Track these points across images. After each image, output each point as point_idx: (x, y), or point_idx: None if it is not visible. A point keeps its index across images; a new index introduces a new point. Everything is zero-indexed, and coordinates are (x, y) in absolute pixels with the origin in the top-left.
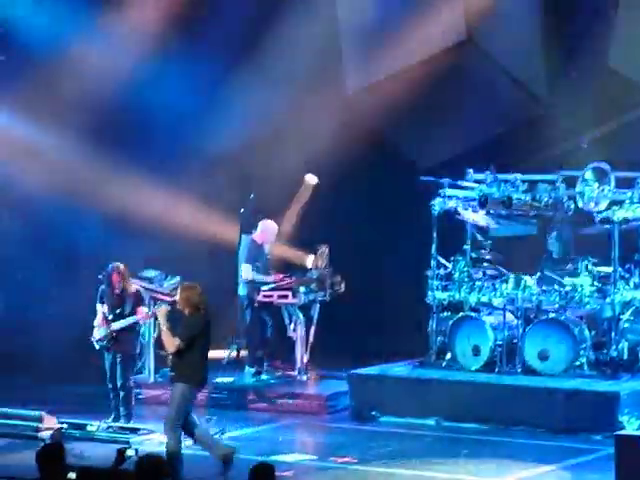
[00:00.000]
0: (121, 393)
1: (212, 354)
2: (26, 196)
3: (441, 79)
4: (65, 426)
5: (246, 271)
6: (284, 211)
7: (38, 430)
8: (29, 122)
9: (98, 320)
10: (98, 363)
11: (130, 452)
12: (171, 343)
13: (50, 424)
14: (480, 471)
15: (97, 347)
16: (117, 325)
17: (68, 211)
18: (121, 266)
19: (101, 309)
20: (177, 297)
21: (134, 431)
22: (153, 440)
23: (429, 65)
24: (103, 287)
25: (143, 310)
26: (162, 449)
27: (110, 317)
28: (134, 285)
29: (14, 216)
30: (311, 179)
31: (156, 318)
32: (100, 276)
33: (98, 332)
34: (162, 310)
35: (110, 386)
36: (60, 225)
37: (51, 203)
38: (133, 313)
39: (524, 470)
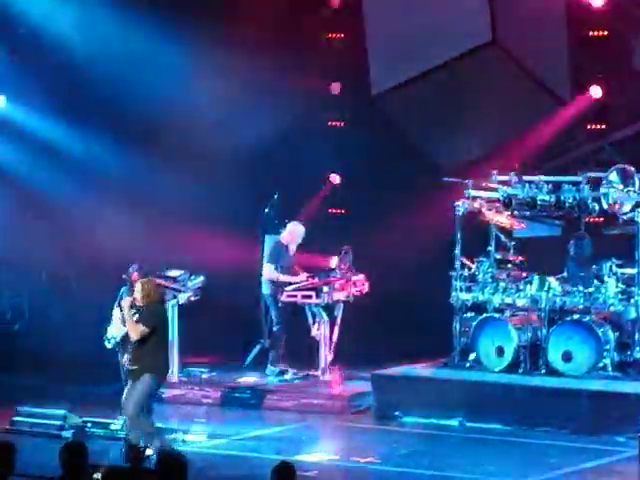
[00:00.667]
0: None
1: (236, 354)
2: (50, 195)
3: (465, 81)
4: (88, 424)
5: (268, 270)
6: (307, 211)
7: (62, 428)
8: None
9: (113, 323)
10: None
11: (149, 451)
12: (136, 330)
13: (73, 422)
14: (504, 473)
15: (110, 346)
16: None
17: (93, 211)
18: (143, 265)
19: (117, 314)
20: (137, 292)
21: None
22: (176, 439)
23: (454, 67)
24: (124, 288)
25: None
26: (185, 448)
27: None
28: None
29: (38, 215)
30: (334, 179)
31: (120, 309)
32: (124, 276)
33: (111, 330)
34: (126, 300)
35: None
36: (85, 224)
37: (75, 201)
38: None
39: (548, 471)
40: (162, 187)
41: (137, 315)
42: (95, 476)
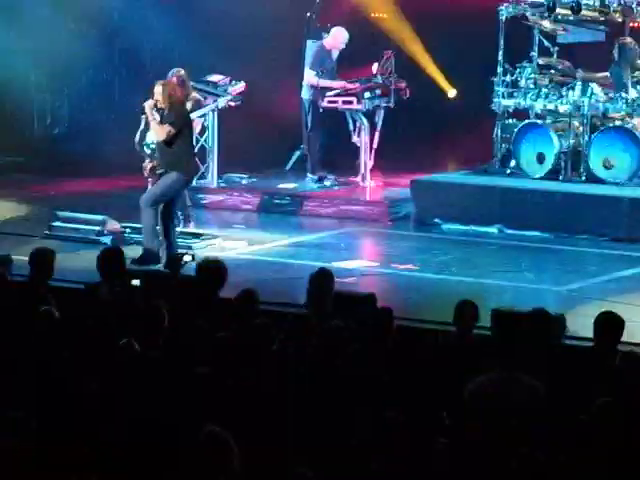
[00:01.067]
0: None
1: (277, 160)
2: None
3: None
4: (127, 230)
5: (309, 76)
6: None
7: (100, 234)
8: None
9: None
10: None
11: (187, 257)
12: (163, 131)
13: (113, 228)
14: (542, 280)
15: (149, 151)
16: None
17: (134, 11)
18: (182, 71)
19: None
20: (157, 94)
21: (197, 236)
22: (215, 245)
23: None
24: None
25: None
26: (224, 253)
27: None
28: (194, 94)
29: (81, 17)
30: None
31: (143, 112)
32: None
33: (150, 136)
34: (149, 103)
35: None
36: (126, 26)
37: (118, 6)
38: None
39: (586, 279)
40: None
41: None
42: (133, 282)
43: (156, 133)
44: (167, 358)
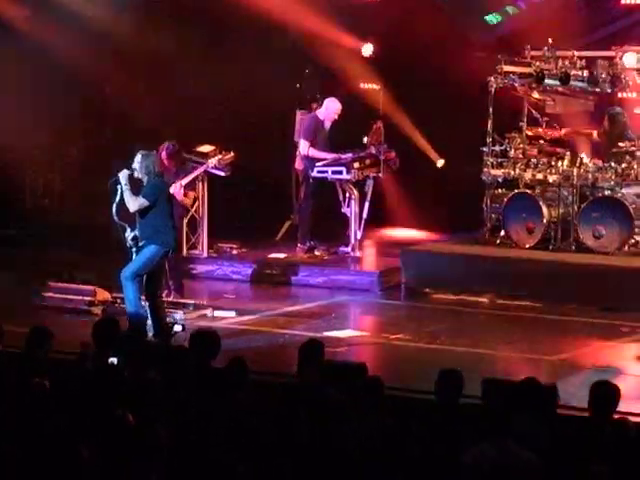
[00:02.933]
0: (167, 265)
1: (266, 229)
2: (80, 69)
3: None
4: (118, 300)
5: (304, 146)
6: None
7: (91, 304)
8: None
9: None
10: None
11: (177, 327)
12: (136, 203)
13: (103, 298)
14: (534, 348)
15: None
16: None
17: (126, 83)
18: (173, 144)
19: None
20: (136, 165)
21: (187, 306)
22: (206, 315)
23: None
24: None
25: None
26: (214, 324)
27: None
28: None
29: (69, 90)
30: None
31: (118, 183)
32: (154, 152)
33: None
34: (124, 173)
35: None
36: (117, 97)
37: (106, 77)
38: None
39: (577, 348)
40: (197, 67)
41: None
42: (110, 360)
43: (128, 204)
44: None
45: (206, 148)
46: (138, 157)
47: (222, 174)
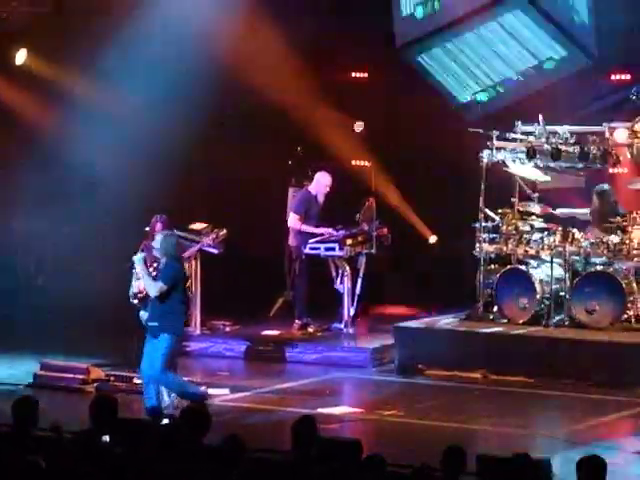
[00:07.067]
0: None
1: (260, 306)
2: (72, 149)
3: None
4: (112, 379)
5: (293, 221)
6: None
7: (84, 382)
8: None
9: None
10: None
11: (165, 420)
12: (154, 287)
13: (97, 376)
14: (528, 425)
15: (135, 302)
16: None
17: (115, 162)
18: (164, 218)
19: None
20: (156, 245)
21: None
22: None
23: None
24: (147, 242)
25: None
26: (208, 401)
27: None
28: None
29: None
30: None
31: (133, 267)
32: (147, 228)
33: (137, 284)
34: (139, 257)
35: None
36: (108, 177)
37: (100, 153)
38: None
39: (571, 423)
40: (187, 143)
41: (154, 271)
42: (103, 438)
43: (148, 288)
44: None
45: (199, 225)
46: (159, 238)
47: (215, 252)
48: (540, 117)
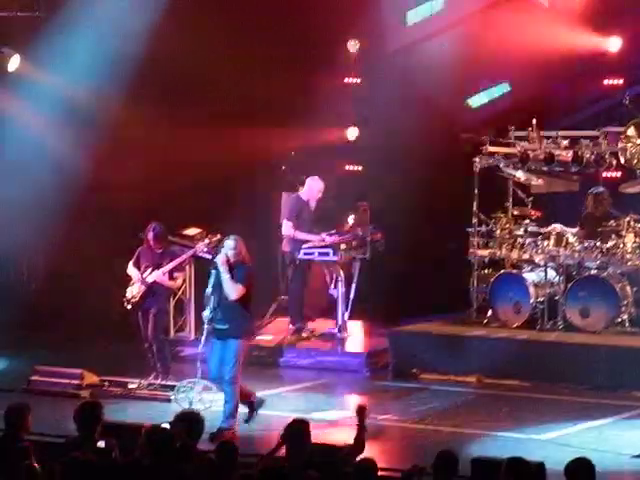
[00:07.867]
0: (154, 348)
1: (254, 311)
2: (65, 155)
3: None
4: (106, 384)
5: (287, 227)
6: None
7: (79, 388)
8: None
9: (133, 279)
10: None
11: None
12: (236, 290)
13: (91, 381)
14: (522, 428)
15: (129, 307)
16: (152, 277)
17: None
18: (158, 225)
19: (134, 273)
20: (230, 250)
21: (174, 388)
22: (192, 397)
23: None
24: (142, 248)
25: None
26: (201, 405)
27: (145, 274)
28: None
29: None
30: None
31: (215, 268)
32: (140, 234)
33: (131, 290)
34: (222, 259)
35: (146, 345)
36: (101, 183)
37: (93, 158)
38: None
39: (566, 427)
40: (180, 150)
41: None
42: (99, 444)
43: (229, 291)
44: None
45: (192, 231)
46: (231, 242)
47: (209, 257)
48: (533, 121)
